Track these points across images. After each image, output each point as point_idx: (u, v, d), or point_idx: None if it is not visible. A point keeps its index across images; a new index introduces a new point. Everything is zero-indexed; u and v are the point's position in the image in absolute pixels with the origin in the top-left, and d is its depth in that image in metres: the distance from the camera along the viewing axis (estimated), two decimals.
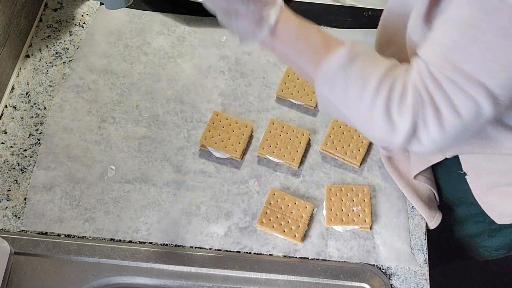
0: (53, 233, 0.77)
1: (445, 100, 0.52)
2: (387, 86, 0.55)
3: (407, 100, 0.54)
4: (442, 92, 0.52)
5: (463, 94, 0.51)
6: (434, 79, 0.52)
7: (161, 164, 0.83)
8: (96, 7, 0.98)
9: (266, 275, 0.75)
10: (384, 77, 0.55)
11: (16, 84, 0.89)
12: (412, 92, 0.54)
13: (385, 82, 0.55)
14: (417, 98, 0.53)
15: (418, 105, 0.53)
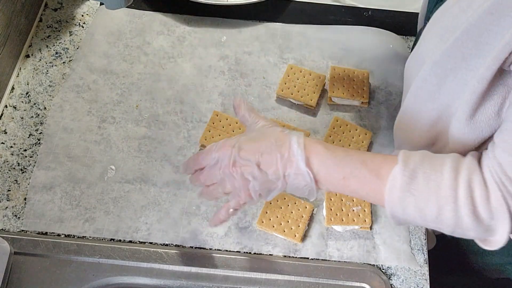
0: (53, 233, 0.77)
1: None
2: (464, 193, 0.52)
3: (492, 200, 0.51)
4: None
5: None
6: None
7: (161, 164, 0.83)
8: (96, 7, 0.98)
9: (266, 275, 0.75)
10: (455, 183, 0.52)
11: (16, 84, 0.89)
12: (495, 188, 0.51)
13: (460, 189, 0.52)
14: (505, 194, 0.51)
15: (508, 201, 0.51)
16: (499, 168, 0.52)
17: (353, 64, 0.94)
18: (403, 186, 0.54)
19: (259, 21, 0.98)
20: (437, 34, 0.58)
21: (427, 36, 0.61)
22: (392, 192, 0.55)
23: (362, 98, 0.88)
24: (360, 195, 0.61)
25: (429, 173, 0.54)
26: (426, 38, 0.62)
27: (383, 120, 0.88)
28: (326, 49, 0.96)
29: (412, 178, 0.54)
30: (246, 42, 0.96)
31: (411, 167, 0.54)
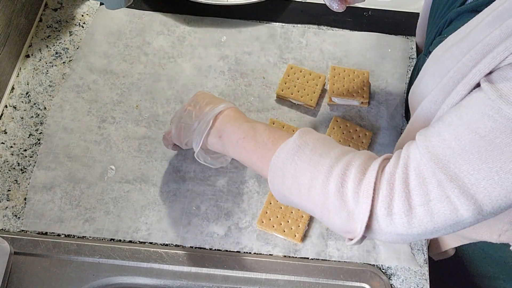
0: (53, 233, 0.77)
1: (424, 201, 0.49)
2: (340, 170, 0.52)
3: (364, 185, 0.50)
4: (424, 192, 0.49)
5: (447, 202, 0.48)
6: (421, 176, 0.49)
7: (161, 164, 0.83)
8: (96, 7, 0.98)
9: (266, 275, 0.75)
10: (336, 162, 0.52)
11: (16, 84, 0.89)
12: (373, 174, 0.50)
13: (337, 166, 0.52)
14: (386, 186, 0.50)
15: (384, 193, 0.50)
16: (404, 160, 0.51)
17: (353, 64, 0.94)
18: (289, 152, 0.55)
19: (259, 21, 0.98)
20: (438, 74, 0.58)
21: (428, 74, 0.62)
22: (278, 157, 0.56)
23: (362, 98, 0.88)
24: (251, 160, 0.62)
25: (318, 147, 0.55)
26: (427, 75, 0.62)
27: (383, 120, 0.88)
28: (326, 49, 0.96)
29: (301, 147, 0.55)
30: (246, 42, 0.96)
31: (304, 139, 0.56)
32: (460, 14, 0.61)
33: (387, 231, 0.51)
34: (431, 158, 0.49)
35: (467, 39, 0.54)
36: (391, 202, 0.50)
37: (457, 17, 0.62)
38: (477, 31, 0.52)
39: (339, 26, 0.98)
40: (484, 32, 0.51)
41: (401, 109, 0.89)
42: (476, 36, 0.52)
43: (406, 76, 0.93)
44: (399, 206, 0.49)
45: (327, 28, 0.98)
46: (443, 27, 0.65)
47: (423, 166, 0.49)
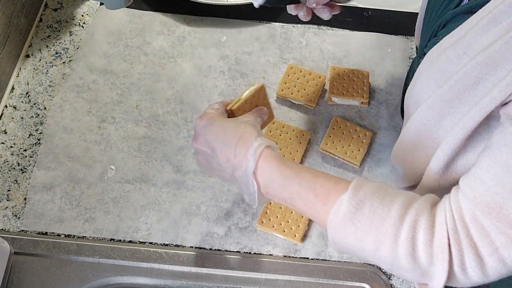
0: (53, 233, 0.77)
1: (491, 250, 0.48)
2: (407, 233, 0.50)
3: (436, 247, 0.49)
4: (489, 242, 0.48)
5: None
6: (481, 226, 0.48)
7: (161, 164, 0.83)
8: (96, 7, 0.98)
9: (266, 275, 0.75)
10: (400, 224, 0.50)
11: (16, 84, 0.89)
12: (443, 233, 0.49)
13: (403, 229, 0.50)
14: (452, 241, 0.49)
15: (455, 251, 0.49)
16: (458, 213, 0.50)
17: (353, 64, 0.94)
18: (347, 215, 0.53)
19: (259, 21, 0.98)
20: (433, 77, 0.58)
21: (423, 76, 0.61)
22: (335, 219, 0.53)
23: (362, 98, 0.88)
24: (306, 215, 0.62)
25: (376, 206, 0.52)
26: (422, 77, 0.62)
27: (383, 120, 0.88)
28: (326, 49, 0.96)
29: (357, 208, 0.52)
30: (246, 42, 0.96)
31: (359, 197, 0.53)
32: (455, 15, 0.60)
33: (465, 283, 0.51)
34: (483, 208, 0.49)
35: (462, 42, 0.53)
36: (462, 258, 0.49)
37: (452, 18, 0.61)
38: (473, 33, 0.52)
39: (339, 26, 0.98)
40: (480, 36, 0.51)
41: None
42: (472, 39, 0.52)
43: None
44: (470, 261, 0.49)
45: (327, 28, 0.98)
46: (438, 29, 0.64)
47: (479, 217, 0.49)
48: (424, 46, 0.69)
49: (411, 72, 0.78)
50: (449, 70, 0.55)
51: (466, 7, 0.58)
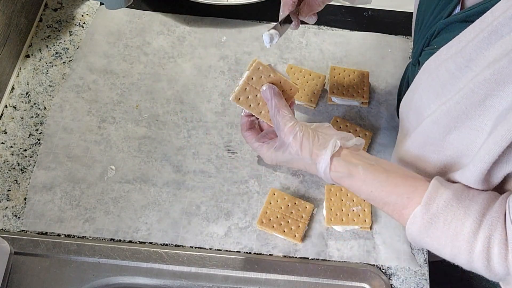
0: (53, 233, 0.77)
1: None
2: (481, 248, 0.52)
3: (510, 258, 0.51)
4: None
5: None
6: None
7: (161, 164, 0.83)
8: (96, 7, 0.98)
9: (266, 275, 0.75)
10: (474, 238, 0.52)
11: (16, 84, 0.89)
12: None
13: (477, 244, 0.52)
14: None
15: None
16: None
17: (353, 64, 0.94)
18: (422, 229, 0.55)
19: (259, 21, 0.98)
20: (433, 89, 0.58)
21: (422, 87, 0.61)
22: (411, 230, 0.57)
23: (362, 98, 0.88)
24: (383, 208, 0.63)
25: (450, 220, 0.54)
26: (420, 89, 0.62)
27: (383, 120, 0.88)
28: (326, 49, 0.96)
29: (431, 223, 0.55)
30: (246, 42, 0.96)
31: (432, 212, 0.55)
32: (449, 24, 0.60)
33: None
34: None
35: (463, 54, 0.53)
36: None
37: (446, 27, 0.61)
38: (473, 46, 0.52)
39: (339, 26, 0.98)
40: (482, 49, 0.51)
41: None
42: (473, 52, 0.52)
43: None
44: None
45: (327, 28, 0.98)
46: (430, 38, 0.64)
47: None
48: (418, 55, 0.69)
49: (405, 80, 0.78)
50: (451, 83, 0.55)
51: (460, 16, 0.58)
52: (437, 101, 0.57)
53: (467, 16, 0.56)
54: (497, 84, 0.49)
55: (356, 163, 0.61)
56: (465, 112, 0.53)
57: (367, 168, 0.60)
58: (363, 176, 0.60)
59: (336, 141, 0.61)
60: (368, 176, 0.60)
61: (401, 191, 0.58)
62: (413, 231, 0.57)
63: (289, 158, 0.64)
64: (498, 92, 0.50)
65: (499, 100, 0.50)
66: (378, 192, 0.60)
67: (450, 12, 0.60)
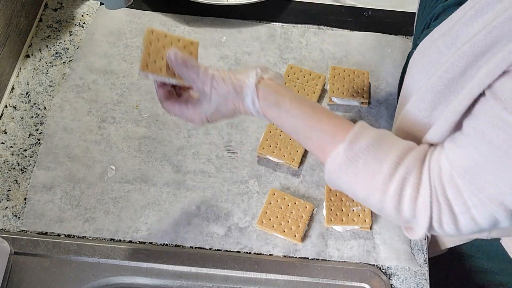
0: (53, 233, 0.77)
1: (464, 209, 0.52)
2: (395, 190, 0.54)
3: (419, 204, 0.53)
4: (462, 202, 0.52)
5: (483, 208, 0.51)
6: (456, 186, 0.52)
7: (161, 164, 0.83)
8: (96, 7, 0.98)
9: (266, 275, 0.75)
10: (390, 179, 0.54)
11: (16, 84, 0.89)
12: (426, 191, 0.53)
13: (391, 185, 0.54)
14: (433, 199, 0.53)
15: (433, 206, 0.53)
16: (437, 173, 0.53)
17: (353, 64, 0.94)
18: (342, 165, 0.56)
19: (259, 21, 0.98)
20: (423, 68, 0.59)
21: (416, 67, 0.62)
22: (331, 164, 0.57)
23: (362, 98, 0.88)
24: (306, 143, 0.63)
25: (370, 161, 0.55)
26: (414, 68, 0.63)
27: (383, 120, 0.88)
28: (326, 49, 0.96)
29: (352, 161, 0.56)
30: (246, 42, 0.96)
31: (355, 150, 0.56)
32: (446, 8, 0.62)
33: (442, 234, 0.58)
34: (459, 170, 0.52)
35: (451, 32, 0.55)
36: (440, 215, 0.53)
37: (444, 11, 0.63)
38: (461, 24, 0.53)
39: (339, 26, 0.98)
40: (467, 26, 0.52)
41: None
42: (459, 30, 0.53)
43: None
44: (446, 218, 0.53)
45: (327, 28, 0.98)
46: (430, 21, 0.66)
47: (455, 178, 0.52)
48: (417, 38, 0.70)
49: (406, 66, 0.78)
50: (438, 60, 0.56)
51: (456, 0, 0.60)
52: (425, 78, 0.58)
53: None
54: (474, 57, 0.51)
55: (283, 93, 0.60)
56: (447, 86, 0.54)
57: (294, 100, 0.60)
58: (289, 107, 0.59)
59: (257, 69, 0.60)
60: (294, 108, 0.59)
61: (325, 128, 0.59)
62: (332, 168, 0.57)
63: (215, 105, 0.61)
64: (475, 64, 0.51)
65: (475, 72, 0.51)
66: (301, 126, 0.60)
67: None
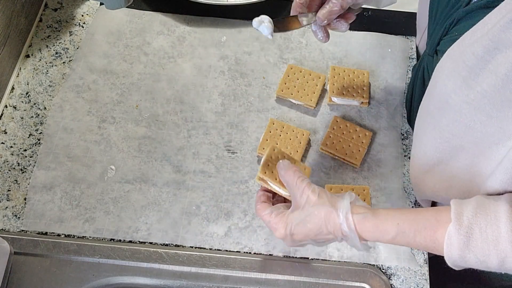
0: (53, 233, 0.77)
1: None
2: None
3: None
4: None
5: None
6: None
7: (161, 164, 0.83)
8: (96, 7, 0.98)
9: (266, 275, 0.75)
10: None
11: (16, 84, 0.89)
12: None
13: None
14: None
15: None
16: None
17: (353, 64, 0.94)
18: (461, 245, 0.54)
19: None
20: (459, 74, 0.56)
21: (446, 74, 0.59)
22: (451, 251, 0.55)
23: (362, 98, 0.88)
24: None
25: (485, 228, 0.53)
26: (444, 75, 0.60)
27: (383, 120, 0.88)
28: (326, 49, 0.96)
29: (468, 236, 0.54)
30: (246, 42, 0.96)
31: (465, 224, 0.54)
32: (469, 12, 0.60)
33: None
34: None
35: (490, 36, 0.52)
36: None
37: (466, 15, 0.61)
38: (500, 27, 0.50)
39: None
40: (509, 29, 0.50)
41: (401, 109, 0.89)
42: (501, 33, 0.50)
43: (406, 76, 0.93)
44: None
45: None
46: (449, 27, 0.64)
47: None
48: (436, 45, 0.68)
49: (421, 71, 0.77)
50: (480, 67, 0.53)
51: (481, 3, 0.58)
52: (465, 86, 0.56)
53: (489, 2, 0.56)
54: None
55: (374, 208, 0.60)
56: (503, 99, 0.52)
57: (386, 208, 0.60)
58: (384, 212, 0.59)
59: (350, 193, 0.61)
60: (390, 211, 0.59)
61: (427, 215, 0.57)
62: (453, 252, 0.55)
63: (306, 214, 0.61)
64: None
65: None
66: (405, 222, 0.58)
67: (468, 1, 0.61)
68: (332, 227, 0.59)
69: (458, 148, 0.61)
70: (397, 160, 0.85)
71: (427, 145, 0.65)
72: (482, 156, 0.59)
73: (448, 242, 0.55)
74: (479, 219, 0.54)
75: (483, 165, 0.59)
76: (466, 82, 0.55)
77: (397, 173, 0.83)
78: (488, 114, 0.54)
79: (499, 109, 0.53)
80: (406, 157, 0.85)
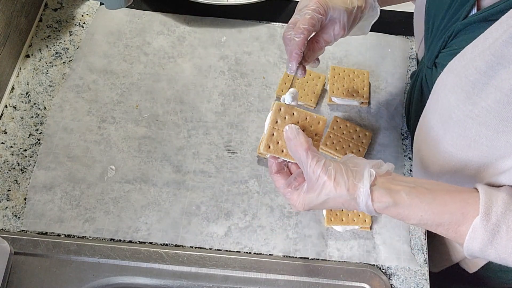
0: (53, 233, 0.77)
1: None
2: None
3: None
4: None
5: None
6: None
7: (161, 164, 0.83)
8: (96, 7, 0.98)
9: (266, 275, 0.75)
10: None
11: (16, 84, 0.89)
12: None
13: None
14: None
15: None
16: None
17: (353, 64, 0.94)
18: (485, 241, 0.54)
19: (259, 21, 0.98)
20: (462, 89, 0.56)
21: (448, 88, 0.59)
22: (472, 244, 0.54)
23: (362, 98, 0.88)
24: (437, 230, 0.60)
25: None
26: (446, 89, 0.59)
27: (383, 120, 0.88)
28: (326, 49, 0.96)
29: (494, 233, 0.53)
30: (246, 42, 0.96)
31: (493, 221, 0.53)
32: (468, 25, 0.59)
33: None
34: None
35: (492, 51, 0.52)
36: None
37: (465, 28, 0.60)
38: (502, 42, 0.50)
39: None
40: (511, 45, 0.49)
41: (401, 109, 0.89)
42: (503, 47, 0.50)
43: (406, 76, 0.93)
44: None
45: None
46: (448, 40, 0.63)
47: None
48: (434, 57, 0.67)
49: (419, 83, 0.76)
50: (483, 81, 0.53)
51: (480, 16, 0.57)
52: (468, 101, 0.55)
53: (488, 15, 0.55)
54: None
55: (397, 189, 0.56)
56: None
57: (410, 192, 0.56)
58: (408, 201, 0.56)
59: (370, 170, 0.57)
60: (414, 200, 0.56)
61: (453, 209, 0.56)
62: (474, 245, 0.54)
63: (324, 199, 0.58)
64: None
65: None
66: (428, 215, 0.56)
67: (466, 14, 0.60)
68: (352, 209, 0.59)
69: (463, 161, 0.61)
70: (397, 160, 0.85)
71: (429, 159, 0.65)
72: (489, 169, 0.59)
73: (472, 235, 0.54)
74: (507, 216, 0.53)
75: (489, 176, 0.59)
76: (469, 97, 0.55)
77: (397, 173, 0.83)
78: (495, 129, 0.54)
79: (506, 124, 0.53)
80: (406, 157, 0.85)
